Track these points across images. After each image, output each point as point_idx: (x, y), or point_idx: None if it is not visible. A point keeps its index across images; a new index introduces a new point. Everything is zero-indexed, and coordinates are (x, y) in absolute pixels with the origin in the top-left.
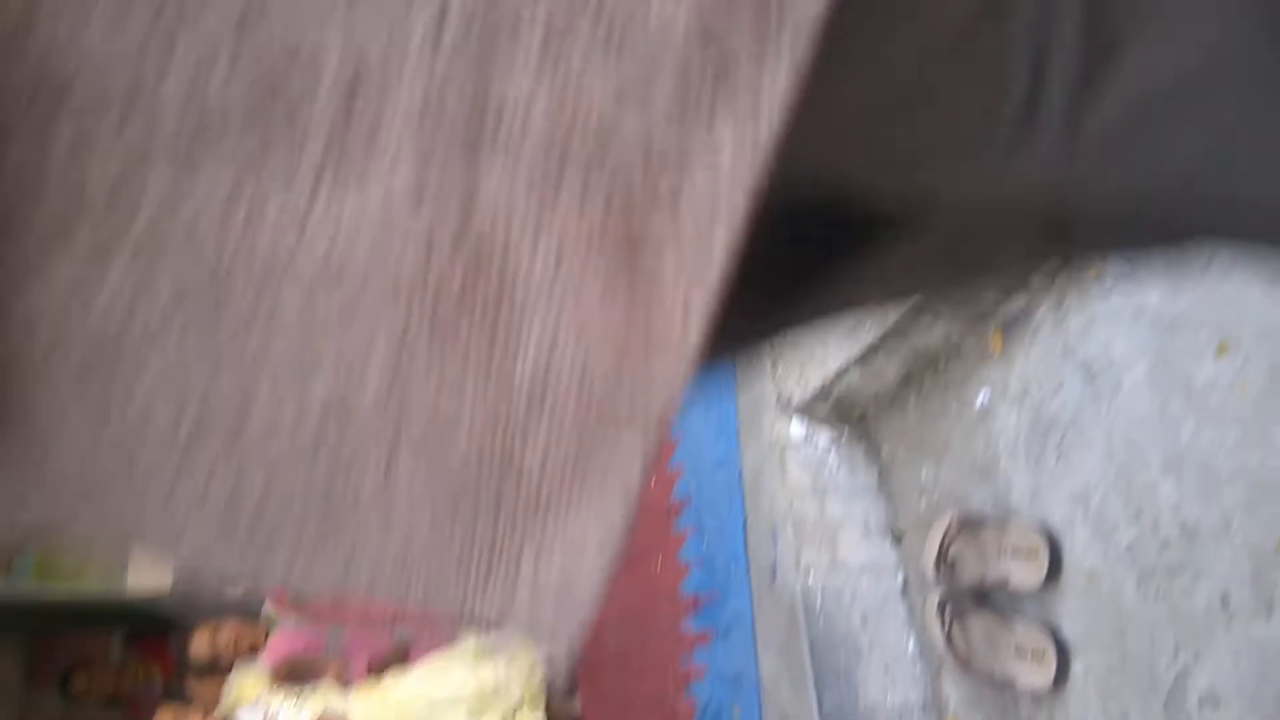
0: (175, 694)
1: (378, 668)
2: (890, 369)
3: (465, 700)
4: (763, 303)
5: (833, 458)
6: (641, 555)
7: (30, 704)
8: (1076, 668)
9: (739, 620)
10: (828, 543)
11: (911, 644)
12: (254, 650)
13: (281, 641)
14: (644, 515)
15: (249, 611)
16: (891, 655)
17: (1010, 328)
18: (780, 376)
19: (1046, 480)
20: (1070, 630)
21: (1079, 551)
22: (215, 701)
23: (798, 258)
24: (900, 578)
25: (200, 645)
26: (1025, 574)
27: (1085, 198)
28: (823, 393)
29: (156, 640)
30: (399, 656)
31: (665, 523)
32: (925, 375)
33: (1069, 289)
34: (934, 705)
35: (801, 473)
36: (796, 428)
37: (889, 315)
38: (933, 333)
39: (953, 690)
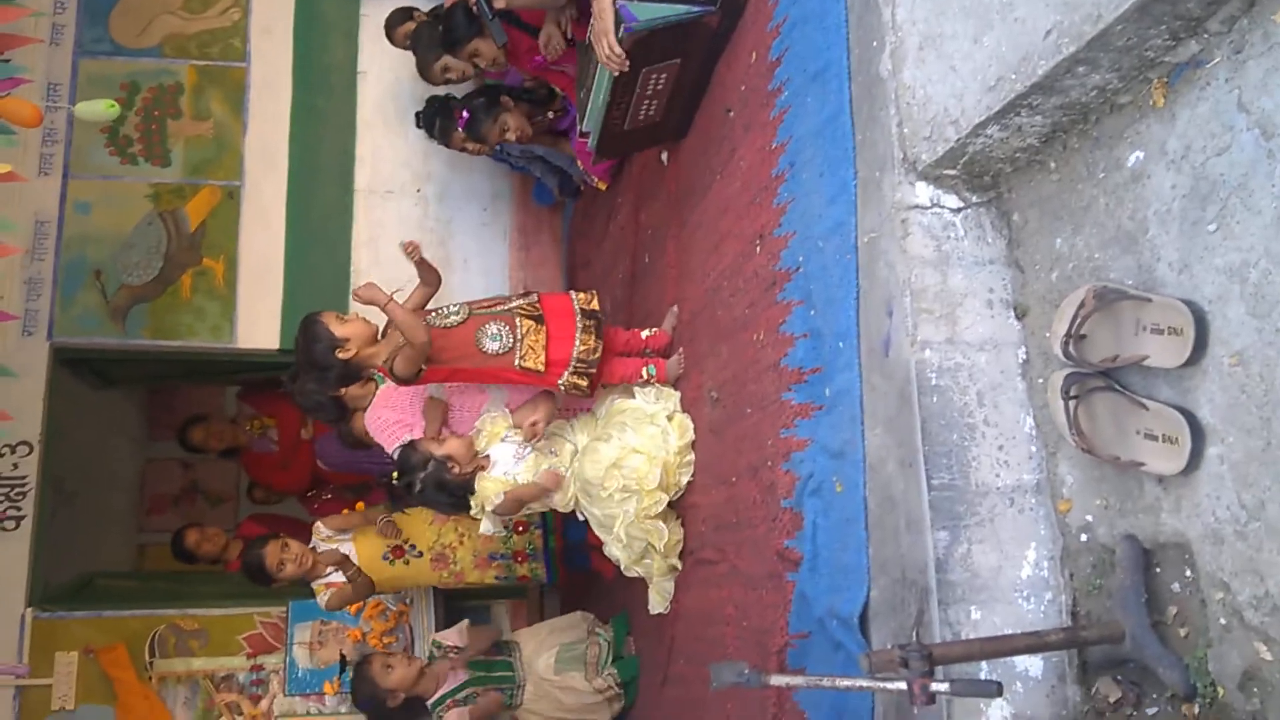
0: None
1: None
2: (1033, 125)
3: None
4: None
5: (959, 225)
6: (742, 326)
7: (153, 453)
8: (1211, 453)
9: (845, 395)
10: (946, 317)
11: (1029, 424)
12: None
13: (386, 397)
14: (747, 285)
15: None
16: (1007, 435)
17: (1177, 78)
18: (907, 134)
19: (1200, 251)
20: (1209, 414)
21: (1229, 330)
22: None
23: None
24: (1022, 354)
25: None
26: (1165, 353)
27: None
28: (954, 152)
29: (268, 394)
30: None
31: (769, 293)
32: (1072, 132)
33: (1251, 33)
34: (1048, 487)
35: (923, 241)
36: (922, 192)
37: (1039, 66)
38: (1087, 83)
39: (1070, 472)
